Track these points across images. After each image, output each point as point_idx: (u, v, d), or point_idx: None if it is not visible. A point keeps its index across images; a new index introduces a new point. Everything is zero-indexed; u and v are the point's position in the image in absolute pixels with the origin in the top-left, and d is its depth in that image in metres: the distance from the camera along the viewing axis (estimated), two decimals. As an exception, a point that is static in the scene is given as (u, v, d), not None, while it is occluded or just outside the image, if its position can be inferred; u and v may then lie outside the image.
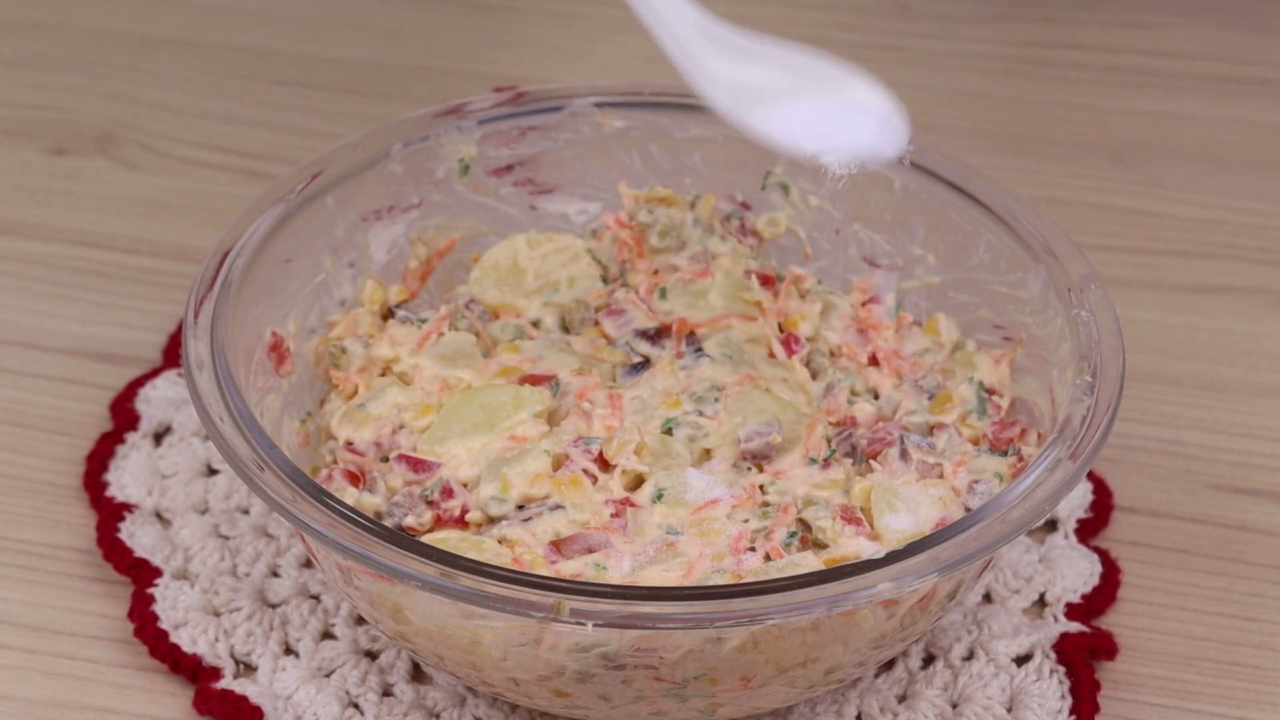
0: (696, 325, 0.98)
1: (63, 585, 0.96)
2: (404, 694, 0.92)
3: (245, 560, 0.97)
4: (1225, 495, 1.03)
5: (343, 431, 0.94)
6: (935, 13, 1.40)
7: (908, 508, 0.89)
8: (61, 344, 1.10)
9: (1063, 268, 0.95)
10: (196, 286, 0.92)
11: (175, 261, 1.16)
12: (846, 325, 1.00)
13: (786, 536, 0.88)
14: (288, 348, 0.97)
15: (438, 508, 0.90)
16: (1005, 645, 0.93)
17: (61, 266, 1.15)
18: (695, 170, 1.05)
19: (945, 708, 0.91)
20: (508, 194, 1.05)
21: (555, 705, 0.87)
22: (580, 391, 0.94)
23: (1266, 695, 0.93)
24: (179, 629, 0.93)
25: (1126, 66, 1.35)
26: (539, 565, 0.86)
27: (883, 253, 1.04)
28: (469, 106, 1.03)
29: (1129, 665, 0.94)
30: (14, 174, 1.23)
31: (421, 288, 1.03)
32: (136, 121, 1.28)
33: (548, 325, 1.00)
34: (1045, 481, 0.85)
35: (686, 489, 0.89)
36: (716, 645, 0.82)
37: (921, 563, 0.81)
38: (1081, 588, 0.97)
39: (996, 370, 0.97)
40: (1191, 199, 1.23)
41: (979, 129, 1.29)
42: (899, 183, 1.02)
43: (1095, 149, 1.27)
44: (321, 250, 1.00)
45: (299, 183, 0.98)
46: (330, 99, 1.30)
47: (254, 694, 0.90)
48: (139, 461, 1.01)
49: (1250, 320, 1.14)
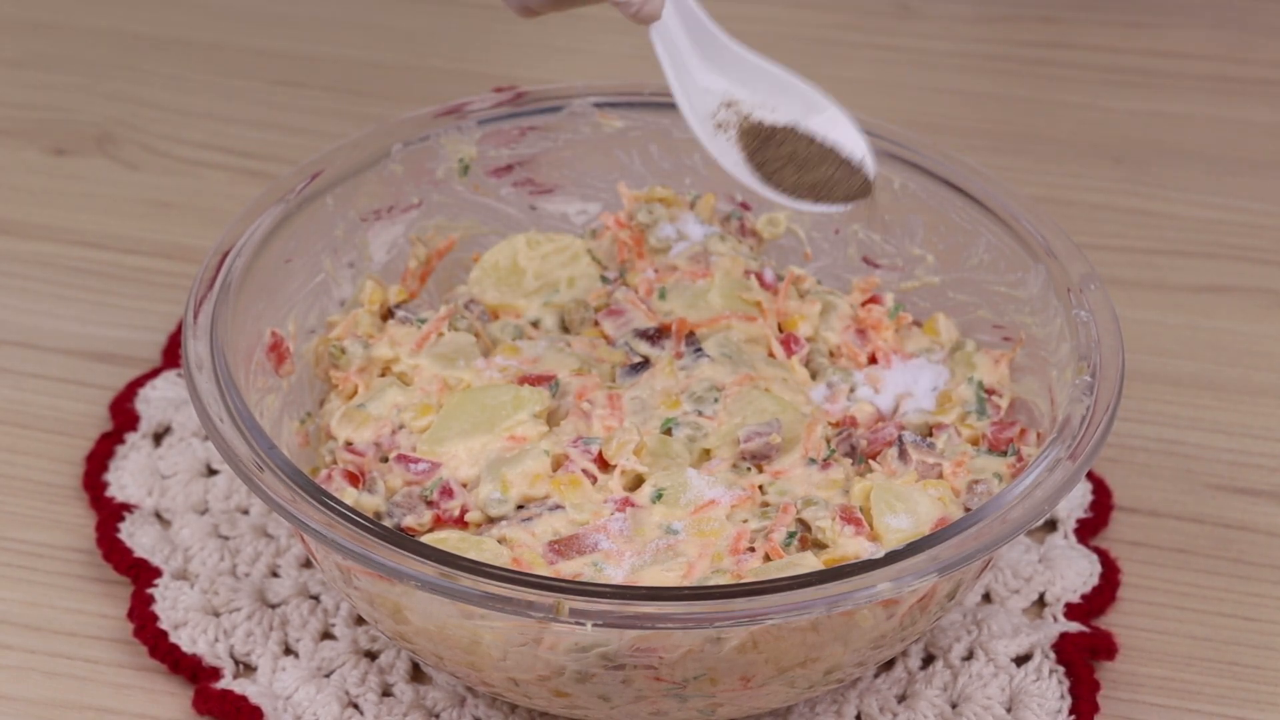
0: (696, 325, 0.98)
1: (62, 585, 0.96)
2: (404, 694, 0.92)
3: (245, 560, 0.97)
4: (1225, 495, 1.03)
5: (342, 432, 0.94)
6: (935, 13, 1.40)
7: (907, 508, 0.89)
8: (61, 344, 1.10)
9: (1063, 268, 0.95)
10: (196, 286, 0.92)
11: (175, 261, 1.16)
12: (846, 325, 1.00)
13: (786, 537, 0.88)
14: (287, 348, 0.97)
15: (438, 508, 0.90)
16: (1005, 645, 0.93)
17: (61, 266, 1.15)
18: (695, 170, 1.05)
19: (945, 708, 0.91)
20: (507, 194, 1.05)
21: (555, 705, 0.87)
22: (580, 392, 0.94)
23: (1266, 695, 0.93)
24: (179, 629, 0.93)
25: (1126, 66, 1.35)
26: (539, 565, 0.86)
27: (882, 253, 1.04)
28: (469, 106, 1.03)
29: (1129, 665, 0.94)
30: (14, 174, 1.23)
31: (421, 288, 1.03)
32: (136, 121, 1.28)
33: (547, 325, 1.00)
34: (1045, 481, 0.85)
35: (686, 489, 0.89)
36: (716, 645, 0.82)
37: (921, 563, 0.81)
38: (1081, 588, 0.97)
39: (996, 370, 0.97)
40: (1191, 199, 1.23)
41: (979, 129, 1.29)
42: (899, 183, 1.02)
43: (1095, 149, 1.27)
44: (321, 250, 1.00)
45: (299, 183, 0.98)
46: (330, 99, 1.30)
47: (254, 694, 0.90)
48: (139, 462, 1.01)
49: (1250, 320, 1.14)
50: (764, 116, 0.92)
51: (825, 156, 0.91)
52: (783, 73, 0.92)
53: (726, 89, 0.92)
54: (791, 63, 0.94)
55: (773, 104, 0.92)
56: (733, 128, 0.91)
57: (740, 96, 0.92)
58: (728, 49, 0.92)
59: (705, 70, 0.92)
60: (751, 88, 0.92)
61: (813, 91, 0.92)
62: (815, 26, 1.38)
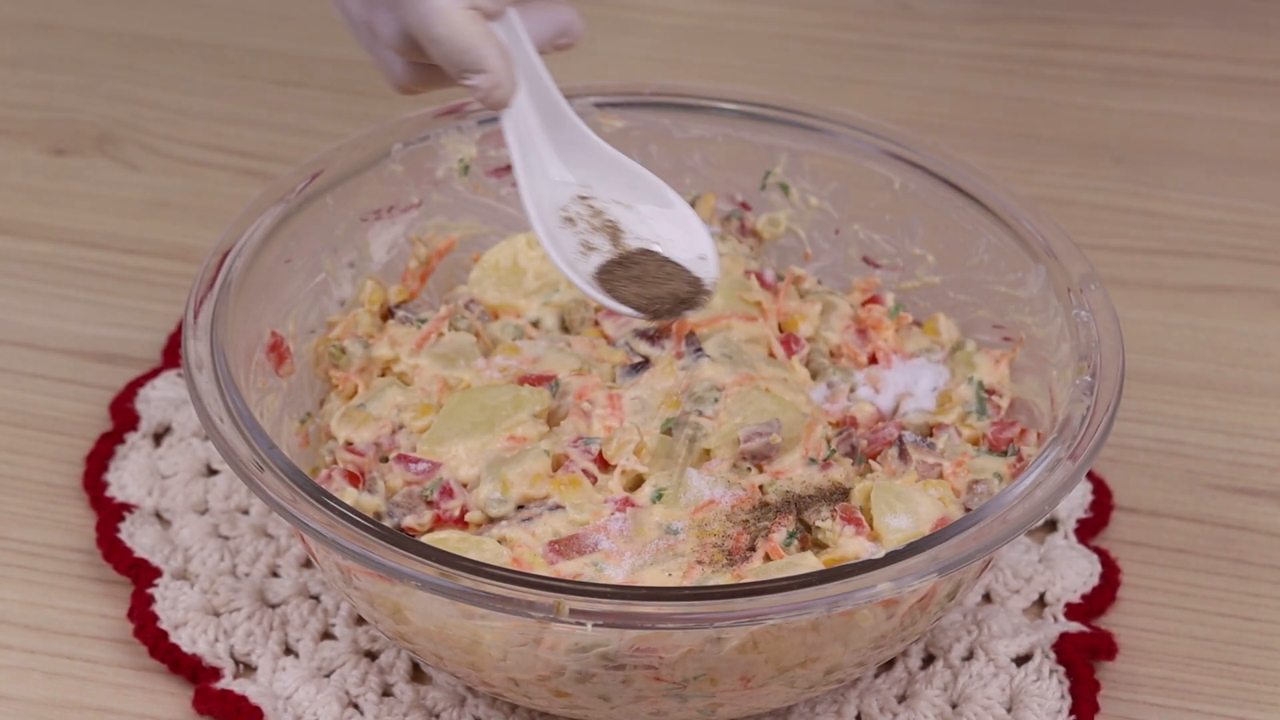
0: (696, 325, 0.98)
1: (62, 585, 0.96)
2: (404, 694, 0.92)
3: (245, 560, 0.97)
4: (1225, 495, 1.03)
5: (342, 432, 0.94)
6: (935, 13, 1.40)
7: (907, 508, 0.89)
8: (61, 344, 1.10)
9: (1063, 268, 0.95)
10: (196, 286, 0.92)
11: (175, 261, 1.16)
12: (846, 325, 1.00)
13: (786, 536, 0.88)
14: (287, 348, 0.97)
15: (438, 508, 0.90)
16: (1005, 645, 0.93)
17: (61, 266, 1.15)
18: (695, 170, 1.05)
19: (945, 708, 0.91)
20: (508, 194, 1.05)
21: (555, 705, 0.87)
22: (580, 392, 0.94)
23: (1266, 695, 0.93)
24: (179, 629, 0.93)
25: (1126, 66, 1.35)
26: (539, 565, 0.86)
27: (883, 253, 1.04)
28: (469, 106, 1.03)
29: (1129, 665, 0.94)
30: (14, 174, 1.23)
31: (421, 288, 1.03)
32: (136, 121, 1.28)
33: (548, 325, 1.00)
34: (1045, 482, 0.85)
35: (686, 489, 0.89)
36: (716, 645, 0.82)
37: (921, 563, 0.81)
38: (1081, 588, 0.97)
39: (996, 370, 0.97)
40: (1191, 199, 1.23)
41: (979, 129, 1.29)
42: (899, 183, 1.02)
43: (1095, 149, 1.27)
44: (321, 250, 1.00)
45: (299, 183, 0.98)
46: (330, 99, 1.30)
47: (254, 694, 0.90)
48: (139, 462, 1.01)
49: (1250, 320, 1.14)
50: (616, 214, 0.91)
51: (672, 276, 0.90)
52: (636, 167, 0.91)
53: (580, 181, 0.91)
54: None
55: (626, 199, 0.92)
56: (581, 222, 0.91)
57: (594, 192, 0.91)
58: (584, 139, 0.91)
59: (557, 162, 0.91)
60: (607, 181, 0.91)
61: (663, 187, 0.92)
62: (815, 26, 1.38)
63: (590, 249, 0.90)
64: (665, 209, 0.92)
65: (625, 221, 0.91)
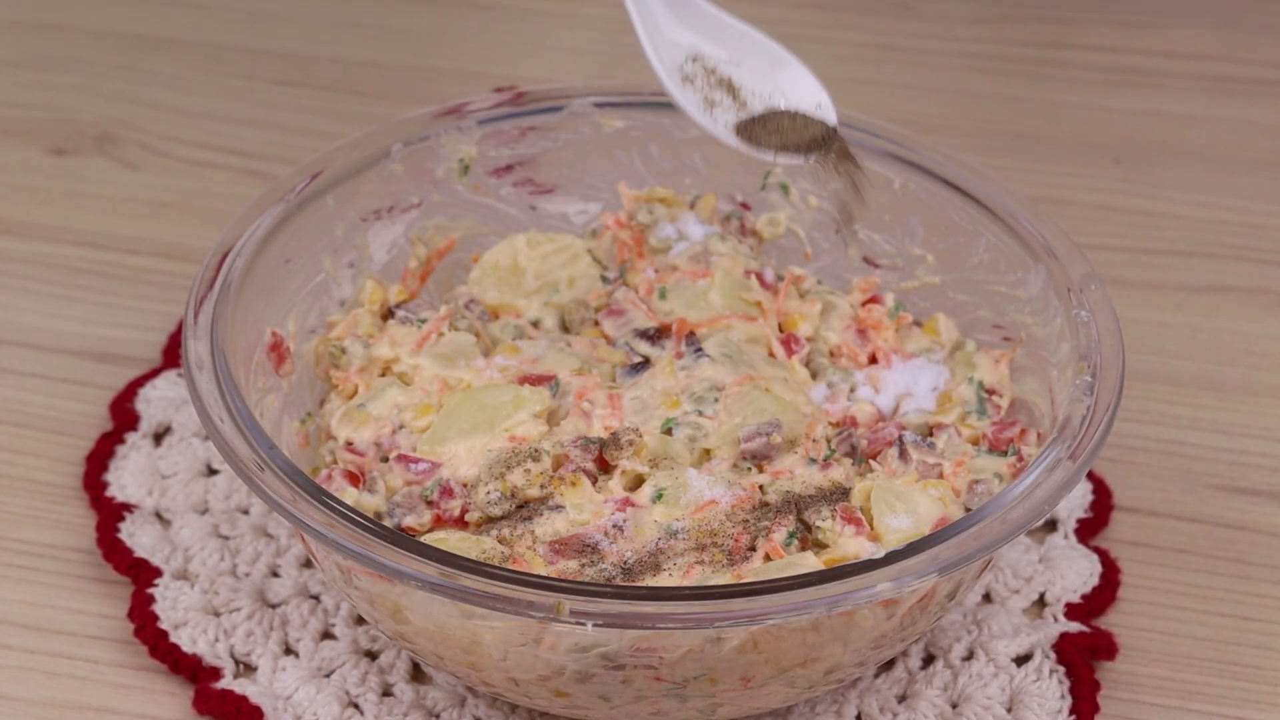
0: (696, 325, 0.98)
1: (62, 585, 0.96)
2: (404, 694, 0.92)
3: (245, 560, 0.97)
4: (1225, 495, 1.03)
5: (343, 431, 0.94)
6: (935, 13, 1.40)
7: (907, 508, 0.89)
8: (61, 344, 1.10)
9: (1063, 268, 0.95)
10: (196, 286, 0.92)
11: (175, 261, 1.16)
12: (846, 325, 1.00)
13: (786, 536, 0.88)
14: (288, 348, 0.97)
15: (438, 508, 0.90)
16: (1005, 645, 0.93)
17: (61, 266, 1.15)
18: (695, 170, 1.05)
19: (945, 708, 0.91)
20: (508, 194, 1.05)
21: (555, 705, 0.87)
22: (580, 391, 0.94)
23: (1266, 695, 0.93)
24: (179, 629, 0.93)
25: (1126, 66, 1.35)
26: (539, 565, 0.86)
27: (883, 253, 1.04)
28: (469, 106, 1.03)
29: (1129, 665, 0.94)
30: (14, 174, 1.23)
31: (421, 288, 1.03)
32: (136, 121, 1.28)
33: (548, 325, 1.00)
34: (1045, 482, 0.85)
35: (686, 489, 0.89)
36: (716, 645, 0.82)
37: (921, 563, 0.81)
38: (1081, 588, 0.97)
39: (996, 370, 0.97)
40: (1191, 199, 1.23)
41: (979, 129, 1.29)
42: (899, 182, 1.02)
43: (1095, 149, 1.27)
44: (321, 250, 1.00)
45: (299, 183, 0.98)
46: (330, 99, 1.30)
47: (254, 694, 0.90)
48: (139, 461, 1.01)
49: (1250, 320, 1.14)
50: (730, 72, 0.93)
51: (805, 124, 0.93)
52: (748, 28, 0.94)
53: (693, 43, 0.93)
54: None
55: (738, 59, 0.93)
56: (699, 80, 0.92)
57: (706, 51, 0.93)
58: (694, 3, 0.93)
59: (673, 23, 0.93)
60: (718, 42, 0.93)
61: (777, 47, 0.94)
62: (815, 26, 1.38)
63: (712, 104, 0.93)
64: (782, 69, 0.94)
65: (739, 78, 0.93)
